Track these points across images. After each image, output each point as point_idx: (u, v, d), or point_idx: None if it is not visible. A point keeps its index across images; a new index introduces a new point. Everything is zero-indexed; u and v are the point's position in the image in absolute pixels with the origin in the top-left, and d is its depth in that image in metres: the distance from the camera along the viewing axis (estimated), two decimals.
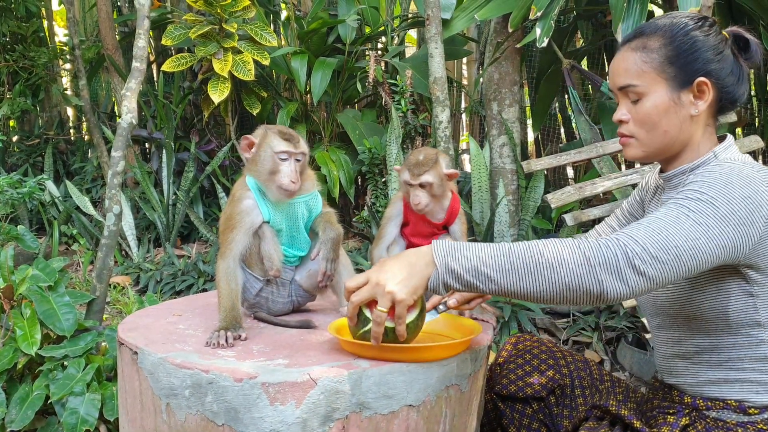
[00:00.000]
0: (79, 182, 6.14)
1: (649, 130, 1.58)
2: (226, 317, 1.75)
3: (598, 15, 5.23)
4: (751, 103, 5.47)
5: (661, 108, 1.55)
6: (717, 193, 1.39)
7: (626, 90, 1.59)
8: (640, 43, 1.57)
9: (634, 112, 1.59)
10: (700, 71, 1.53)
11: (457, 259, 1.40)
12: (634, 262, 1.30)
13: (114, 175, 3.08)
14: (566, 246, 1.34)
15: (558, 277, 1.33)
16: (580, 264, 1.32)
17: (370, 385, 1.48)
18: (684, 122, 1.56)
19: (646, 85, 1.55)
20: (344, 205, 5.36)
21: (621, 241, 1.32)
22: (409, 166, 2.01)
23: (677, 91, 1.54)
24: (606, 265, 1.30)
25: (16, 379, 2.57)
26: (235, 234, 1.84)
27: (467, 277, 1.39)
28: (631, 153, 1.64)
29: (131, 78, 3.18)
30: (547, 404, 1.89)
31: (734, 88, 1.57)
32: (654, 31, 1.57)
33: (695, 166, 1.59)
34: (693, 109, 1.55)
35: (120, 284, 4.47)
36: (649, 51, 1.55)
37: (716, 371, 1.58)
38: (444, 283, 1.41)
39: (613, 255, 1.31)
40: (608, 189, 3.37)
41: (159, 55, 6.35)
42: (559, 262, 1.33)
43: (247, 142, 1.88)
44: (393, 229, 2.11)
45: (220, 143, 5.68)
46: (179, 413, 1.52)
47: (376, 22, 5.56)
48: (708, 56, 1.53)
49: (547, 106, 5.58)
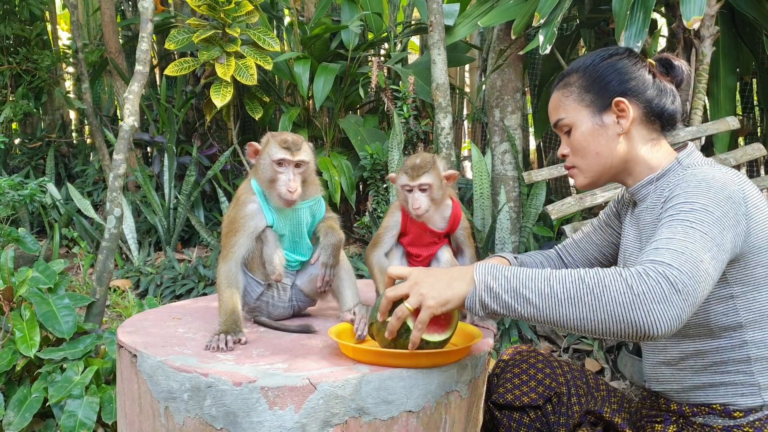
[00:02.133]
0: (81, 185, 6.14)
1: (583, 156, 1.70)
2: (226, 321, 1.74)
3: (601, 23, 5.23)
4: (753, 112, 5.47)
5: (588, 133, 1.68)
6: (705, 200, 1.43)
7: (558, 125, 1.73)
8: (562, 83, 1.74)
9: (569, 143, 1.72)
10: (616, 92, 1.65)
11: (497, 278, 1.39)
12: (678, 286, 1.27)
13: (115, 178, 3.08)
14: (607, 274, 1.32)
15: (600, 306, 1.29)
16: (623, 292, 1.28)
17: (370, 391, 1.48)
18: (612, 141, 1.67)
19: (571, 116, 1.70)
20: (345, 210, 5.35)
21: (658, 268, 1.29)
22: (406, 170, 1.97)
23: (599, 115, 1.67)
24: (652, 294, 1.26)
25: (14, 382, 2.56)
26: (238, 237, 1.83)
27: (505, 297, 1.37)
28: (578, 182, 1.76)
29: (134, 81, 3.18)
30: (544, 413, 1.88)
31: (658, 100, 1.66)
32: (570, 71, 1.74)
33: (660, 175, 1.66)
34: (618, 128, 1.66)
35: (120, 287, 4.47)
36: (568, 86, 1.72)
37: (701, 375, 1.60)
38: (481, 301, 1.39)
39: (656, 283, 1.27)
40: (609, 200, 3.37)
41: (162, 59, 6.36)
42: (601, 289, 1.30)
43: (253, 149, 1.88)
44: (390, 239, 2.07)
45: (222, 147, 5.68)
46: (178, 417, 1.51)
47: (379, 28, 5.57)
48: (620, 78, 1.66)
49: None
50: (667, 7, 4.17)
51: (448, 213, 2.06)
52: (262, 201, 1.87)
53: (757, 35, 4.40)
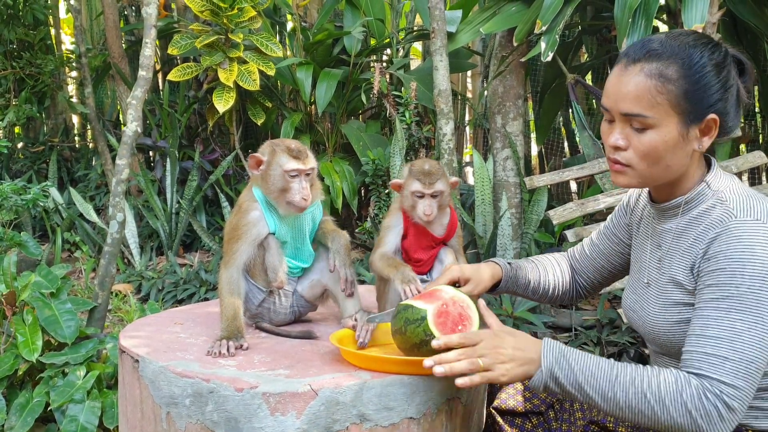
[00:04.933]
0: (83, 189, 6.15)
1: (651, 164, 1.47)
2: (228, 327, 1.75)
3: (603, 30, 5.24)
4: (755, 120, 5.47)
5: (670, 144, 1.44)
6: (752, 279, 1.38)
7: (630, 117, 1.45)
8: (656, 68, 1.43)
9: (637, 141, 1.46)
10: (713, 108, 1.45)
11: (563, 369, 1.44)
12: (733, 405, 1.35)
13: (118, 182, 3.09)
14: (669, 391, 1.38)
15: (658, 421, 1.38)
16: (683, 415, 1.36)
17: (371, 397, 1.48)
18: (687, 158, 1.49)
19: (659, 117, 1.43)
20: (347, 216, 5.36)
21: (715, 388, 1.35)
22: (418, 176, 1.96)
23: (687, 127, 1.45)
24: (708, 418, 1.35)
25: (16, 386, 2.57)
26: (240, 244, 1.84)
27: (569, 389, 1.44)
28: (624, 181, 1.54)
29: (137, 87, 3.19)
30: (546, 419, 1.87)
31: (734, 122, 1.51)
32: (670, 56, 1.44)
33: (690, 199, 1.54)
34: (698, 144, 1.47)
35: (122, 292, 4.47)
36: (666, 81, 1.42)
37: None
38: (546, 387, 1.47)
39: (713, 407, 1.34)
40: (610, 205, 3.38)
41: (165, 64, 6.38)
42: (661, 408, 1.37)
43: (255, 160, 1.87)
44: (394, 238, 2.06)
45: (224, 152, 5.69)
46: (179, 422, 1.52)
47: (381, 34, 5.58)
48: (720, 92, 1.46)
49: (551, 120, 5.59)
50: (668, 14, 4.18)
51: (447, 220, 2.07)
52: (264, 208, 1.87)
53: (759, 43, 4.41)
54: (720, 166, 1.59)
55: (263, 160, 1.86)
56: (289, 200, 1.82)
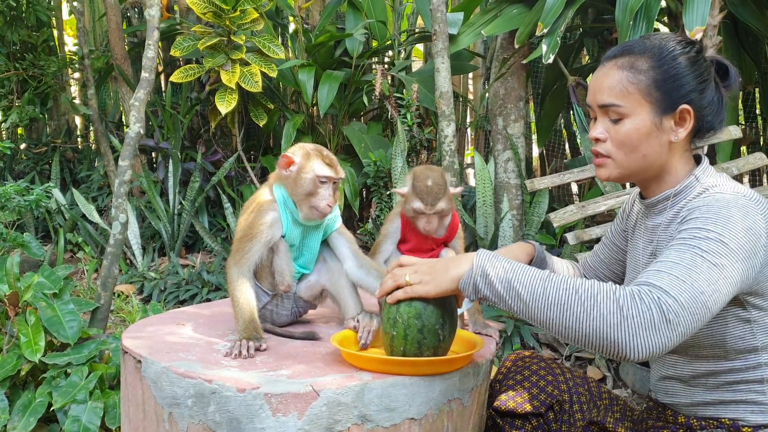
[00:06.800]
0: (86, 190, 6.16)
1: (627, 153, 1.55)
2: (246, 327, 1.74)
3: (604, 32, 5.25)
4: (756, 122, 5.48)
5: (643, 131, 1.53)
6: (723, 229, 1.37)
7: (607, 108, 1.55)
8: (628, 61, 1.54)
9: (614, 131, 1.55)
10: (684, 98, 1.51)
11: (495, 266, 1.41)
12: (669, 316, 1.25)
13: (120, 184, 3.10)
14: (601, 290, 1.31)
15: (587, 319, 1.29)
16: (613, 312, 1.27)
17: (373, 398, 1.49)
18: (663, 147, 1.55)
19: (630, 106, 1.52)
20: (349, 217, 5.37)
21: (653, 293, 1.27)
22: (420, 196, 1.96)
23: (660, 116, 1.52)
24: (641, 319, 1.25)
25: (19, 386, 2.57)
26: (254, 244, 1.83)
27: (498, 286, 1.39)
28: (605, 174, 1.61)
29: (140, 88, 3.21)
30: (546, 420, 1.88)
31: (713, 117, 1.56)
32: (643, 51, 1.54)
33: (678, 191, 1.58)
34: (673, 135, 1.54)
35: (124, 293, 4.48)
36: (636, 71, 1.52)
37: (712, 393, 1.58)
38: (474, 285, 1.42)
39: (647, 309, 1.25)
40: (611, 207, 3.38)
41: (167, 65, 6.39)
42: (591, 303, 1.29)
43: (287, 160, 1.85)
44: (389, 246, 2.09)
45: (226, 154, 5.70)
46: (182, 423, 1.52)
47: (383, 36, 5.60)
48: (693, 84, 1.52)
49: (552, 122, 5.60)
50: (669, 16, 4.18)
51: (448, 222, 2.08)
52: (282, 210, 1.87)
53: (760, 45, 4.41)
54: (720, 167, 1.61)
55: (295, 161, 1.85)
56: (314, 205, 1.81)
